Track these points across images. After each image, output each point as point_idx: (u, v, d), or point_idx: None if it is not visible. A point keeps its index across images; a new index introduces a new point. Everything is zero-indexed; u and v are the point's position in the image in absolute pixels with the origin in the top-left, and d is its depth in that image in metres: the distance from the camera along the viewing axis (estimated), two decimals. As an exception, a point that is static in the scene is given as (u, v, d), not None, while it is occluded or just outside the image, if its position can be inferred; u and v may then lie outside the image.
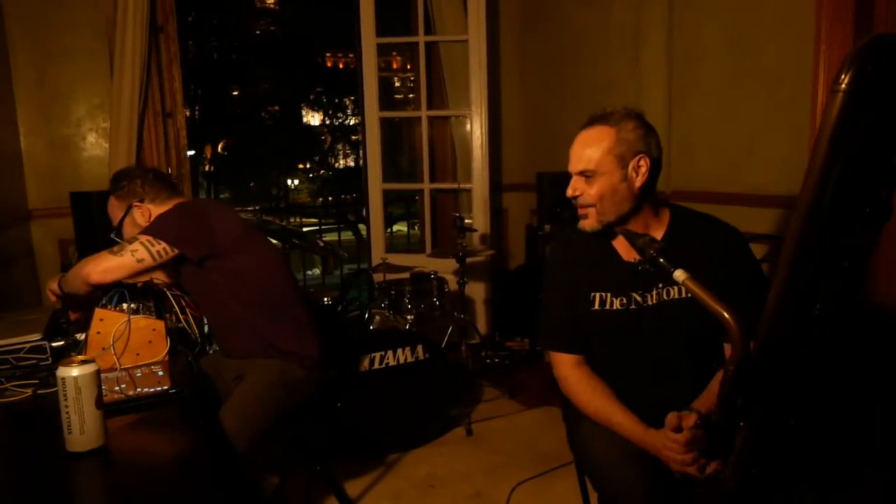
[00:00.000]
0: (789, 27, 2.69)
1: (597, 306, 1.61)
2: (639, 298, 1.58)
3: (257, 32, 18.44)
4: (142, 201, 2.05)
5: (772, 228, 2.69)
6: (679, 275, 0.99)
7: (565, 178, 4.34)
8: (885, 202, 0.78)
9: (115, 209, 2.08)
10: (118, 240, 2.04)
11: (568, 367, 1.63)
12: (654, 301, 1.57)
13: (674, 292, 1.59)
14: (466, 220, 3.99)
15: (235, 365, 2.10)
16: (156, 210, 2.06)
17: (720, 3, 3.03)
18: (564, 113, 4.26)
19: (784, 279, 0.83)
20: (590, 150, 1.56)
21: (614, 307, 1.60)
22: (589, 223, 1.59)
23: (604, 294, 1.61)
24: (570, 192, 1.62)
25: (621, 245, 1.62)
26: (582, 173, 1.59)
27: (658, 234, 1.59)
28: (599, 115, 1.59)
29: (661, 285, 1.58)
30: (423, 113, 4.28)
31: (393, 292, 3.32)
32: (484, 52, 4.04)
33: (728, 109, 3.00)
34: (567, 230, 1.75)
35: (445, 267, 3.74)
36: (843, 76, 0.73)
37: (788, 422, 0.93)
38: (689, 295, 1.52)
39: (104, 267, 1.83)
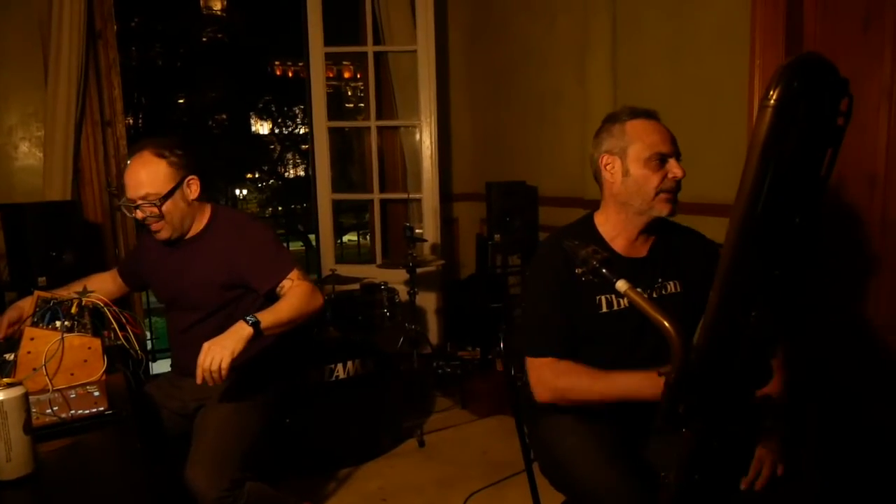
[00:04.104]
0: (726, 42, 2.79)
1: (605, 309, 1.58)
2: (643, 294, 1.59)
3: (204, 40, 18.09)
4: (196, 175, 1.97)
5: (715, 236, 2.77)
6: (621, 285, 1.01)
7: (514, 187, 4.37)
8: (814, 213, 0.81)
9: (161, 177, 1.90)
10: (156, 205, 1.89)
11: (557, 371, 1.54)
12: (656, 296, 1.59)
13: (671, 287, 1.62)
14: (417, 230, 3.99)
15: (195, 387, 2.01)
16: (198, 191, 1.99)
17: (661, 17, 3.12)
18: (513, 123, 4.30)
19: (721, 288, 0.85)
20: (674, 137, 1.59)
21: (622, 306, 1.58)
22: (675, 207, 1.58)
23: (609, 296, 1.59)
24: (681, 173, 1.56)
25: (620, 241, 1.63)
26: (678, 157, 1.58)
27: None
28: (653, 112, 1.64)
29: (660, 280, 1.61)
30: (373, 123, 4.26)
31: (342, 304, 3.28)
32: (433, 63, 4.05)
33: (671, 120, 3.05)
34: (561, 234, 1.68)
35: (396, 277, 3.72)
36: (771, 92, 0.76)
37: (727, 428, 0.95)
38: (681, 290, 1.60)
39: (320, 294, 1.91)
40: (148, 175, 1.89)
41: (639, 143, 1.56)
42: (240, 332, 1.68)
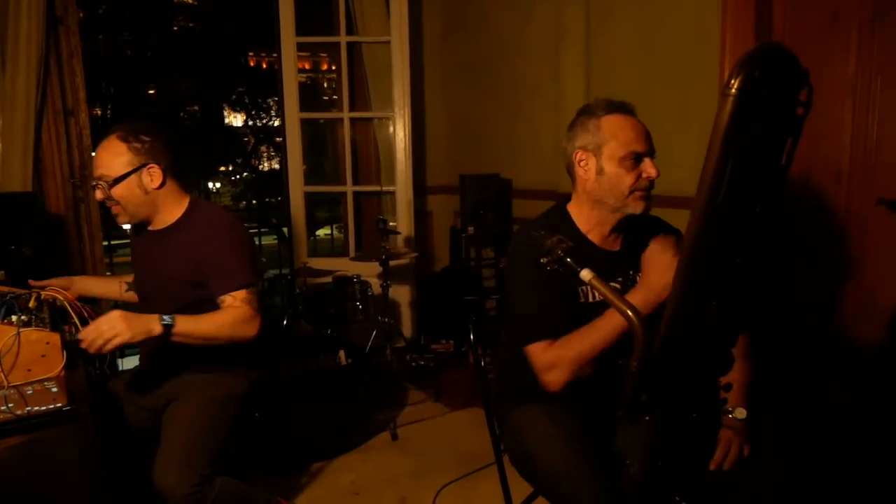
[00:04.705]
0: (697, 35, 2.81)
1: (583, 299, 1.57)
2: (618, 286, 1.57)
3: (175, 29, 17.72)
4: (159, 164, 1.90)
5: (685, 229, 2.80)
6: (585, 274, 1.00)
7: (488, 180, 4.36)
8: (774, 202, 0.81)
9: (118, 160, 1.85)
10: (103, 187, 1.85)
11: (554, 348, 1.49)
12: (630, 287, 1.56)
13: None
14: (390, 223, 3.97)
15: (166, 382, 1.98)
16: (169, 182, 1.93)
17: (634, 11, 3.13)
18: (487, 115, 4.30)
19: (683, 276, 0.85)
20: (650, 133, 1.56)
21: (598, 298, 1.56)
22: (649, 205, 1.55)
23: (586, 287, 1.55)
24: (656, 173, 1.53)
25: (594, 235, 1.61)
26: (653, 155, 1.53)
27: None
28: (630, 106, 1.60)
29: (631, 273, 1.59)
30: (346, 114, 4.22)
31: (314, 297, 3.25)
32: (406, 54, 4.03)
33: (643, 112, 3.06)
34: (526, 227, 1.62)
35: (369, 270, 3.70)
36: (733, 81, 0.75)
37: (690, 415, 0.95)
38: None
39: (256, 323, 1.84)
40: (106, 156, 1.86)
41: (614, 141, 1.53)
42: (148, 325, 1.65)
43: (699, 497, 1.25)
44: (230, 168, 20.63)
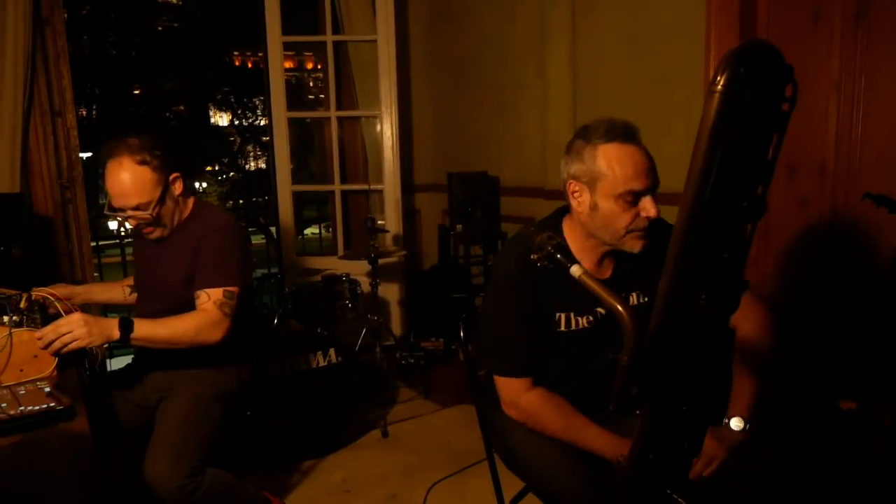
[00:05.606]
0: (683, 33, 2.83)
1: (563, 328, 1.52)
2: (602, 312, 1.50)
3: (159, 29, 17.61)
4: (178, 171, 1.92)
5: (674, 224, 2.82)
6: (575, 270, 1.02)
7: (475, 178, 4.36)
8: (761, 197, 0.83)
9: (149, 184, 1.84)
10: (151, 213, 1.85)
11: (524, 391, 1.51)
12: None
13: (633, 299, 1.55)
14: (379, 222, 3.97)
15: (158, 379, 2.00)
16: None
17: (619, 7, 3.15)
18: (474, 113, 4.31)
19: (671, 271, 0.86)
20: (653, 163, 1.41)
21: (580, 326, 1.52)
22: (648, 243, 1.43)
23: (569, 314, 1.52)
24: (655, 213, 1.39)
25: (587, 262, 1.51)
26: (655, 189, 1.39)
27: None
28: (632, 131, 1.43)
29: (623, 295, 1.53)
30: (333, 113, 4.22)
31: (303, 296, 3.25)
32: (393, 53, 4.03)
33: (628, 109, 3.10)
34: (518, 239, 1.54)
35: (358, 269, 3.71)
36: (718, 78, 0.77)
37: (680, 408, 0.97)
38: (647, 299, 1.54)
39: (223, 328, 1.82)
40: (135, 185, 1.83)
41: (610, 177, 1.38)
42: (108, 331, 1.66)
43: (690, 490, 1.27)
44: (216, 168, 20.54)
